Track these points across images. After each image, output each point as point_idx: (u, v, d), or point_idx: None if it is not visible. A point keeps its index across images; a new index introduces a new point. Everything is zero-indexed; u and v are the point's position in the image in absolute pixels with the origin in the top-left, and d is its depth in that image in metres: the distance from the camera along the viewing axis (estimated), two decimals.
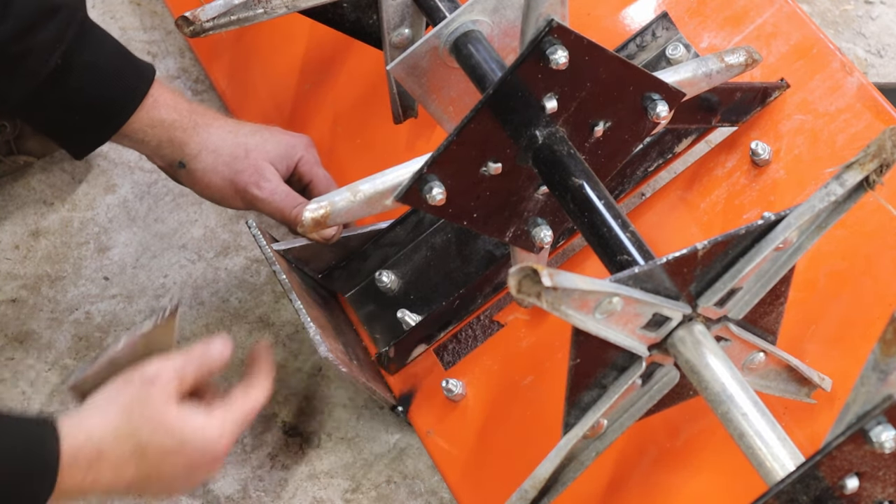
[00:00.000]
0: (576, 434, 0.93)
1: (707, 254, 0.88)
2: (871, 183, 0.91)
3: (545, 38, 0.92)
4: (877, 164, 0.90)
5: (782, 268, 0.94)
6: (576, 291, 0.81)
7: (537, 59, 0.92)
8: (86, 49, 1.22)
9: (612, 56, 0.96)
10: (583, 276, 0.82)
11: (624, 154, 1.03)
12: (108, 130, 1.25)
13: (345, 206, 0.99)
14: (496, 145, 0.97)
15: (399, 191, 0.97)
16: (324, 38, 1.43)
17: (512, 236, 1.04)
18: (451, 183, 0.97)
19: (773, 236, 0.91)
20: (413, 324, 1.26)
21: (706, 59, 1.12)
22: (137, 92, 1.24)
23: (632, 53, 1.26)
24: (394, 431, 1.30)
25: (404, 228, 1.29)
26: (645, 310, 0.87)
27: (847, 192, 0.91)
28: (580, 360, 0.89)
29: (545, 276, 0.78)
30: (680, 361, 0.91)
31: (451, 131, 0.96)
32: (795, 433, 0.91)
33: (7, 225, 1.48)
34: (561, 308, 0.81)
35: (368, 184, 1.00)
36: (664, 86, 0.99)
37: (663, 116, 1.00)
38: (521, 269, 0.78)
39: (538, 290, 0.79)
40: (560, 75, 0.93)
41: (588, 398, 0.93)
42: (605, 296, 0.83)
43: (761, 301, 0.95)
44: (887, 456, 0.77)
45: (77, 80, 1.22)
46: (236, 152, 1.25)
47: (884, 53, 1.59)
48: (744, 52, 1.14)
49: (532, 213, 1.03)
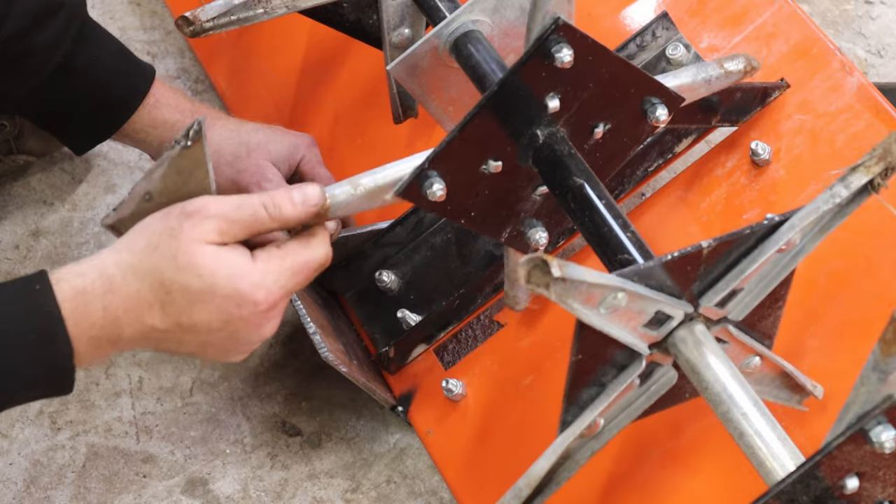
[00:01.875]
0: (572, 432, 0.93)
1: (712, 252, 0.88)
2: (875, 186, 0.91)
3: (551, 35, 0.92)
4: (882, 168, 0.90)
5: (784, 270, 0.94)
6: (584, 284, 0.81)
7: (542, 57, 0.92)
8: (87, 48, 1.22)
9: (615, 57, 0.96)
10: (590, 269, 0.82)
11: (622, 157, 1.04)
12: (110, 128, 1.25)
13: (345, 199, 0.98)
14: (497, 143, 0.97)
15: (400, 185, 0.97)
16: (324, 38, 1.43)
17: (508, 237, 1.04)
18: (452, 180, 0.97)
19: (776, 237, 0.91)
20: (413, 324, 1.26)
21: (706, 66, 1.12)
22: (139, 91, 1.24)
23: (632, 53, 1.26)
24: (394, 431, 1.30)
25: (404, 228, 1.29)
26: (648, 307, 0.87)
27: (851, 194, 0.91)
28: (582, 355, 0.89)
29: (555, 266, 0.78)
30: (680, 361, 0.91)
31: (454, 128, 0.96)
32: (795, 433, 0.91)
33: (7, 225, 1.48)
34: (568, 300, 0.81)
35: (369, 177, 1.00)
36: (665, 90, 1.00)
37: (662, 120, 1.00)
38: (532, 258, 0.77)
39: (547, 280, 0.78)
40: (564, 74, 0.93)
41: (587, 396, 0.93)
42: (611, 290, 0.83)
43: (760, 304, 0.95)
44: (887, 456, 0.77)
45: (79, 79, 1.22)
46: (238, 152, 1.26)
47: (884, 53, 1.59)
48: (743, 59, 1.14)
49: (528, 214, 1.03)
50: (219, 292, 0.91)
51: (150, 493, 1.29)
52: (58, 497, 1.29)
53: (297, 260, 0.95)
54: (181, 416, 1.34)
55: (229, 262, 0.91)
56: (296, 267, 0.95)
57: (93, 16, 1.25)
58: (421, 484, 1.27)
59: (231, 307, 0.92)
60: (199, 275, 0.90)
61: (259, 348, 1.36)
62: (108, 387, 1.36)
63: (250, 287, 0.92)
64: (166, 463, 1.30)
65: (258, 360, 1.36)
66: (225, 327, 0.93)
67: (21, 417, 1.34)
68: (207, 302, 0.91)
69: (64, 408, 1.35)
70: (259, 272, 0.92)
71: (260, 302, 0.93)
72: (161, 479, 1.29)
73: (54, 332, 0.89)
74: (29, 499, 1.29)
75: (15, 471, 1.31)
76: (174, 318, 0.92)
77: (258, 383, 1.35)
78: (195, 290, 0.91)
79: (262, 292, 0.92)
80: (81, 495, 1.29)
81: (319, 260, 0.97)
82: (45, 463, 1.31)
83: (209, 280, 0.90)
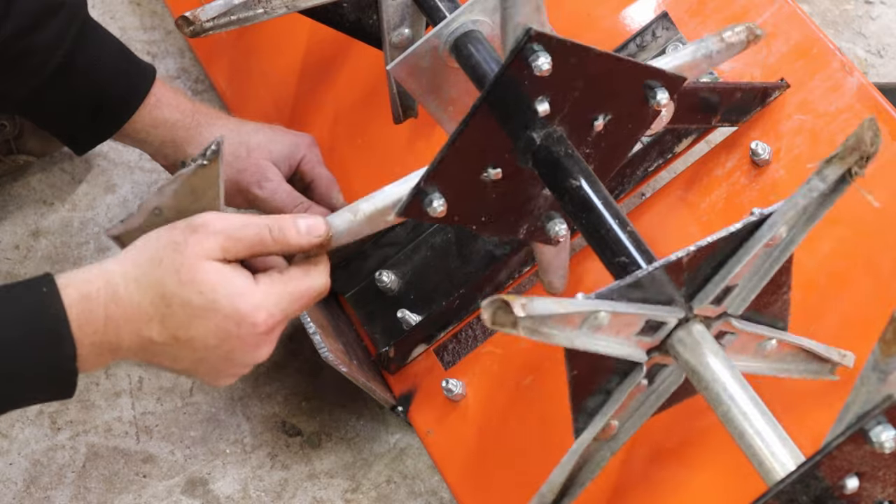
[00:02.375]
0: (586, 438, 0.93)
1: (691, 260, 0.88)
2: (853, 175, 0.91)
3: (525, 45, 0.91)
4: (857, 157, 0.89)
5: (777, 261, 0.94)
6: (552, 316, 0.81)
7: (521, 68, 0.92)
8: (88, 47, 1.22)
9: (599, 54, 0.95)
10: (557, 298, 0.82)
11: (628, 145, 1.02)
12: (110, 128, 1.25)
13: (346, 227, 0.99)
14: (494, 150, 0.97)
15: (399, 206, 0.97)
16: (324, 38, 1.43)
17: (526, 233, 1.04)
18: (452, 192, 0.97)
19: (759, 235, 0.91)
20: (413, 324, 1.26)
21: (705, 40, 1.11)
22: (139, 91, 1.24)
23: (632, 53, 1.26)
24: (394, 431, 1.30)
25: (404, 228, 1.29)
26: (635, 319, 0.87)
27: (829, 186, 0.91)
28: (577, 371, 0.90)
29: (517, 306, 0.78)
30: (679, 362, 0.92)
31: (446, 141, 0.96)
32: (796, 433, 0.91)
33: (7, 225, 1.48)
34: (542, 331, 0.81)
35: (368, 203, 1.00)
36: (661, 73, 0.99)
37: (664, 104, 0.99)
38: (492, 301, 0.78)
39: (512, 319, 0.79)
40: (547, 80, 0.93)
41: (593, 403, 0.93)
42: (588, 314, 0.83)
43: (763, 292, 0.95)
44: (887, 456, 0.77)
45: (79, 79, 1.22)
46: (238, 152, 1.26)
47: (884, 53, 1.59)
48: (744, 29, 1.13)
49: (544, 209, 1.03)
50: (220, 310, 0.92)
51: (150, 493, 1.29)
52: (58, 497, 1.29)
53: (299, 286, 0.96)
54: (181, 416, 1.34)
55: (232, 282, 0.92)
56: (296, 293, 0.96)
57: (93, 16, 1.25)
58: (421, 484, 1.27)
59: (230, 325, 0.92)
60: (200, 291, 0.91)
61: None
62: (108, 387, 1.36)
63: (251, 308, 0.92)
64: (166, 463, 1.30)
65: None
66: (221, 345, 0.93)
67: (21, 417, 1.34)
68: (207, 318, 0.92)
69: (64, 408, 1.35)
70: (261, 294, 0.93)
71: (259, 323, 0.93)
72: (161, 479, 1.29)
73: (61, 334, 0.90)
74: (29, 499, 1.29)
75: (15, 471, 1.31)
76: (172, 332, 0.92)
77: (258, 383, 1.35)
78: (196, 305, 0.91)
79: (263, 314, 0.93)
80: (81, 495, 1.29)
81: (319, 288, 0.98)
82: (45, 463, 1.31)
83: (211, 297, 0.91)
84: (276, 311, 0.94)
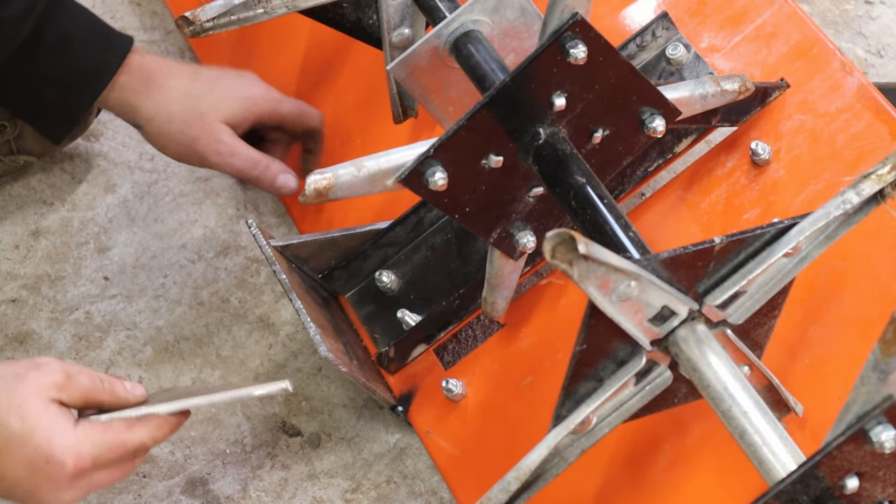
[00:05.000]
0: (566, 426, 0.93)
1: (723, 249, 0.88)
2: (884, 195, 0.91)
3: (567, 31, 0.92)
4: (894, 177, 0.90)
5: (786, 276, 0.94)
6: (604, 266, 0.80)
7: (556, 52, 0.93)
8: (57, 22, 1.18)
9: (624, 61, 0.96)
10: (613, 252, 0.82)
11: (615, 166, 1.04)
12: (78, 109, 1.21)
13: (348, 179, 1.00)
14: (500, 138, 0.97)
15: (402, 171, 0.97)
16: (324, 38, 1.43)
17: (496, 238, 1.04)
18: (453, 171, 0.97)
19: (785, 240, 0.91)
20: (413, 324, 1.26)
21: (703, 82, 1.13)
22: (108, 67, 1.20)
23: (632, 53, 1.26)
24: (394, 431, 1.30)
25: (404, 228, 1.29)
26: (656, 300, 0.87)
27: (861, 202, 0.91)
28: (587, 346, 0.89)
29: (581, 243, 0.78)
30: (681, 359, 0.92)
31: (460, 118, 0.96)
32: (796, 433, 0.91)
33: (7, 225, 1.48)
34: (587, 280, 0.81)
35: (373, 161, 1.01)
36: (665, 102, 1.00)
37: (659, 132, 1.01)
38: (559, 233, 0.77)
39: (572, 256, 0.78)
40: (574, 71, 0.93)
41: (584, 390, 0.93)
42: (627, 277, 0.83)
43: (758, 311, 0.95)
44: (887, 456, 0.77)
45: (47, 55, 1.18)
46: (190, 118, 1.23)
47: (884, 53, 1.59)
48: (738, 80, 1.15)
49: (519, 216, 1.03)
50: (32, 443, 0.93)
51: (150, 493, 1.29)
52: None
53: (117, 437, 0.97)
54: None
55: (53, 419, 0.94)
56: (113, 444, 0.97)
57: None
58: (421, 484, 1.27)
59: (40, 460, 0.93)
60: (23, 418, 0.93)
61: (259, 348, 1.36)
62: None
63: (62, 448, 0.94)
64: (166, 463, 1.30)
65: (258, 361, 1.36)
66: (29, 478, 0.94)
67: None
68: (21, 446, 0.93)
69: None
70: (75, 437, 0.94)
71: (67, 465, 0.94)
72: (161, 479, 1.29)
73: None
74: None
75: None
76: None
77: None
78: (13, 430, 0.93)
79: (72, 456, 0.94)
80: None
81: (136, 444, 0.99)
82: None
83: (30, 426, 0.93)
84: (87, 457, 0.95)
